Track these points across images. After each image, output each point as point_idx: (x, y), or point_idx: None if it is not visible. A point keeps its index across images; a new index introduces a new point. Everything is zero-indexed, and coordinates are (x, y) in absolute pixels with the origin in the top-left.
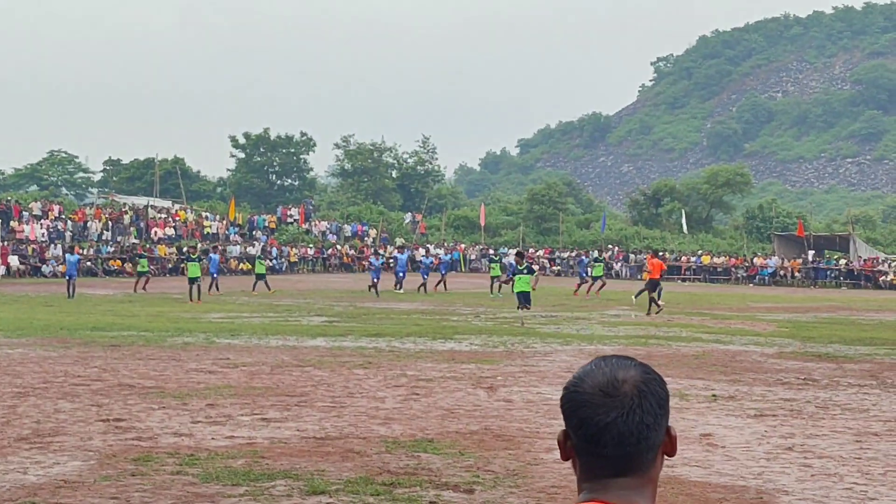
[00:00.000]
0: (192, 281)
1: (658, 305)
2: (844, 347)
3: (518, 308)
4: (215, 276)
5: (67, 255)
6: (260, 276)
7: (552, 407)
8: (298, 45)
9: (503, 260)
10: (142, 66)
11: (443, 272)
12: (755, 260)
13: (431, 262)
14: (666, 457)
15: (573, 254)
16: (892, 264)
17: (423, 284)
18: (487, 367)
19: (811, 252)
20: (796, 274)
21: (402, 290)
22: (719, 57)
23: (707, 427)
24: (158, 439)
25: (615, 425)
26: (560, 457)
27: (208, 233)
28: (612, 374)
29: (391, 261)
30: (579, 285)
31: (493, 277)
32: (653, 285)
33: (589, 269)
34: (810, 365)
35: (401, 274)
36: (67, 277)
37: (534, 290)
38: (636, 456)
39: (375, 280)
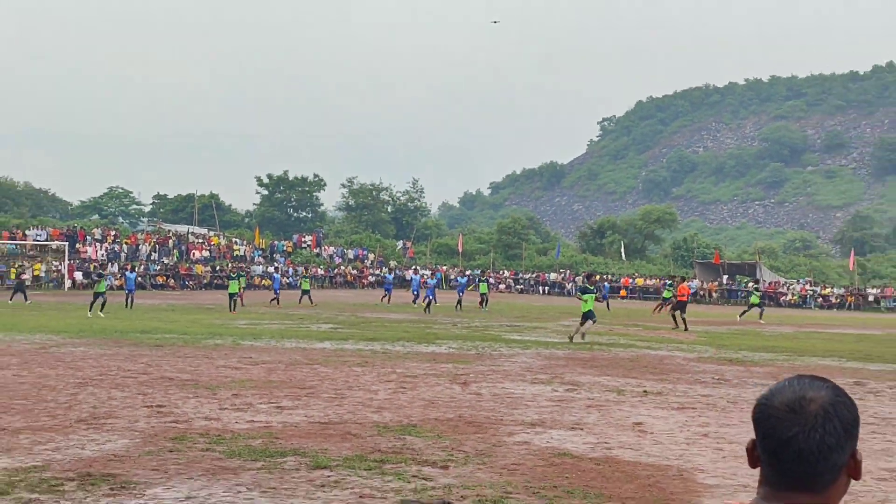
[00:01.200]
0: (231, 296)
1: (684, 323)
2: (751, 353)
3: (581, 324)
4: (278, 289)
5: (127, 273)
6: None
7: (514, 399)
8: (312, 99)
9: (489, 280)
10: (183, 116)
11: (460, 293)
12: (685, 282)
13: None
14: (851, 480)
15: (533, 275)
16: (791, 287)
17: (459, 301)
18: (462, 367)
19: (725, 276)
20: (713, 294)
21: (416, 304)
22: (652, 118)
23: (639, 417)
24: (192, 422)
25: (796, 441)
26: (748, 463)
27: (237, 255)
28: (802, 393)
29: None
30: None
31: (482, 294)
32: (682, 306)
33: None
34: (723, 368)
35: (416, 292)
36: (127, 291)
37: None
38: (814, 475)
39: (430, 297)
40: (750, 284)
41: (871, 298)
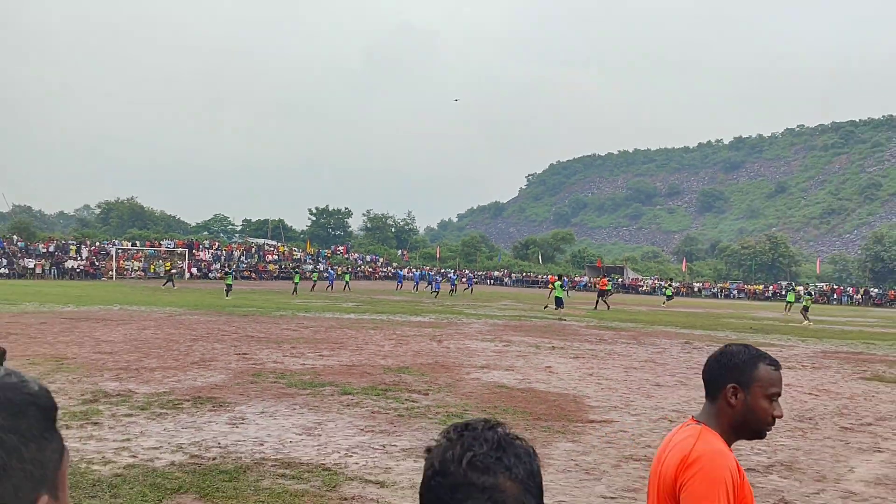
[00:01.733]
0: (295, 285)
1: (607, 305)
2: (620, 323)
3: (556, 307)
4: (332, 281)
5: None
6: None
7: (471, 351)
8: (348, 151)
9: (450, 275)
10: (258, 159)
11: (452, 284)
12: (576, 278)
13: (455, 277)
14: None
15: (483, 273)
16: (645, 281)
17: (453, 289)
18: (438, 330)
19: (605, 275)
20: (597, 286)
21: (417, 291)
22: (559, 174)
23: (549, 363)
24: (265, 364)
25: None
26: None
27: (295, 258)
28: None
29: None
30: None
31: (452, 286)
32: (602, 294)
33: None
34: (602, 332)
35: (417, 283)
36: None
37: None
38: None
39: (416, 283)
40: (800, 288)
41: (696, 289)
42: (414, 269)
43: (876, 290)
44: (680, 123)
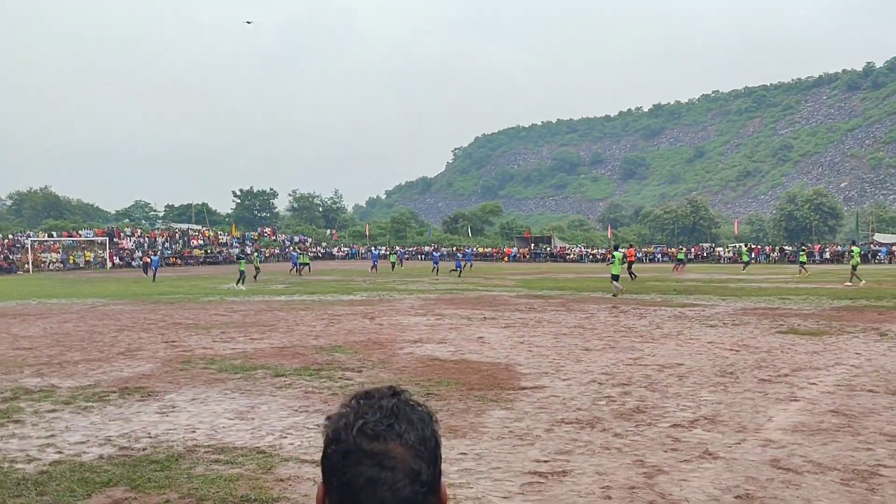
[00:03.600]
0: (241, 272)
1: (633, 276)
2: (549, 291)
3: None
4: (296, 264)
5: (153, 257)
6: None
7: (403, 326)
8: (270, 131)
9: (398, 252)
10: (178, 143)
11: (435, 262)
12: (505, 249)
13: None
14: None
15: (413, 248)
16: (573, 249)
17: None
18: (370, 308)
19: (533, 245)
20: (526, 256)
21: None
22: (485, 147)
23: (481, 333)
24: (194, 351)
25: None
26: None
27: (221, 242)
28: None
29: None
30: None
31: (392, 263)
32: (629, 266)
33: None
34: (532, 301)
35: (377, 261)
36: (154, 268)
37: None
38: None
39: (375, 263)
40: (850, 246)
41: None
42: (372, 249)
43: (790, 248)
44: (601, 93)
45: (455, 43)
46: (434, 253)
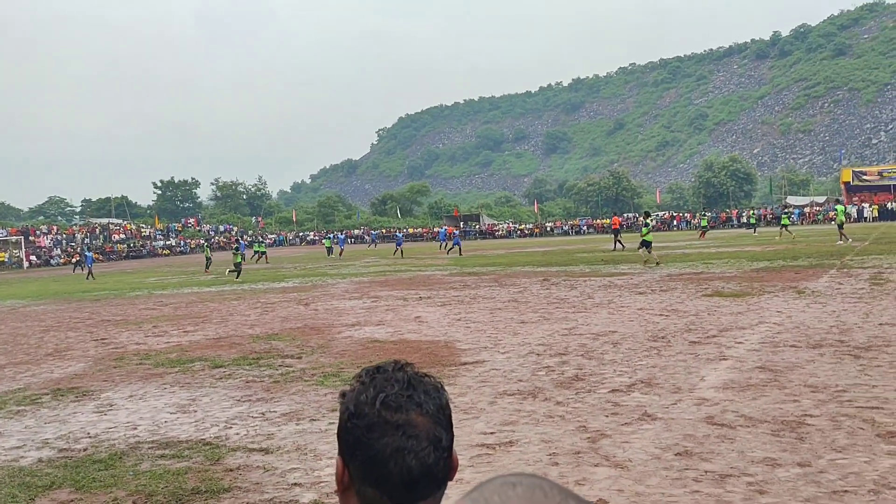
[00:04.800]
0: (207, 259)
1: (622, 247)
2: (481, 268)
3: (640, 250)
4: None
5: (87, 254)
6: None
7: (340, 311)
8: (188, 119)
9: (336, 237)
10: (92, 134)
11: (398, 245)
12: (435, 228)
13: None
14: None
15: (342, 233)
16: (501, 226)
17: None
18: (304, 294)
19: (462, 223)
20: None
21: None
22: (410, 127)
23: (418, 312)
24: (127, 347)
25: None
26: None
27: (144, 235)
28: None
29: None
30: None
31: (327, 248)
32: (615, 233)
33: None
34: (466, 278)
35: (342, 246)
36: (89, 265)
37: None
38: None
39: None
40: (831, 205)
41: (548, 228)
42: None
43: (709, 214)
44: (521, 69)
45: (376, 23)
46: (397, 234)
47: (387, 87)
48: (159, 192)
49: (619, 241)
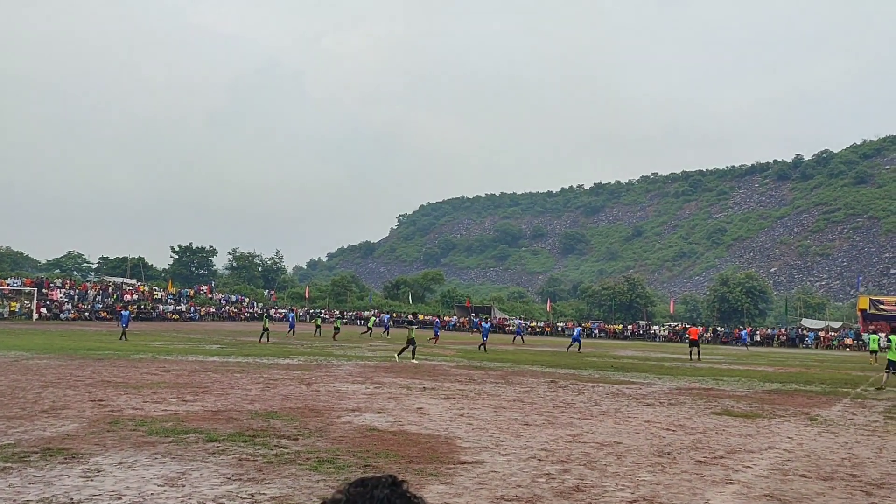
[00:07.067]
0: (265, 330)
1: (698, 357)
2: (489, 363)
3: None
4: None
5: (123, 312)
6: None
7: (341, 394)
8: (213, 189)
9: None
10: (116, 195)
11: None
12: (446, 318)
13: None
14: None
15: (353, 314)
16: (514, 322)
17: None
18: (307, 373)
19: (473, 315)
20: (466, 326)
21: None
22: (430, 215)
23: (420, 404)
24: (123, 411)
25: None
26: None
27: (156, 297)
28: None
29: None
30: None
31: (335, 328)
32: (693, 343)
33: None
34: (472, 371)
35: (293, 324)
36: (124, 325)
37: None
38: None
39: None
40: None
41: (560, 328)
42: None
43: (722, 329)
44: (543, 170)
45: (401, 113)
46: (436, 320)
47: (410, 175)
48: (176, 256)
49: (699, 352)
